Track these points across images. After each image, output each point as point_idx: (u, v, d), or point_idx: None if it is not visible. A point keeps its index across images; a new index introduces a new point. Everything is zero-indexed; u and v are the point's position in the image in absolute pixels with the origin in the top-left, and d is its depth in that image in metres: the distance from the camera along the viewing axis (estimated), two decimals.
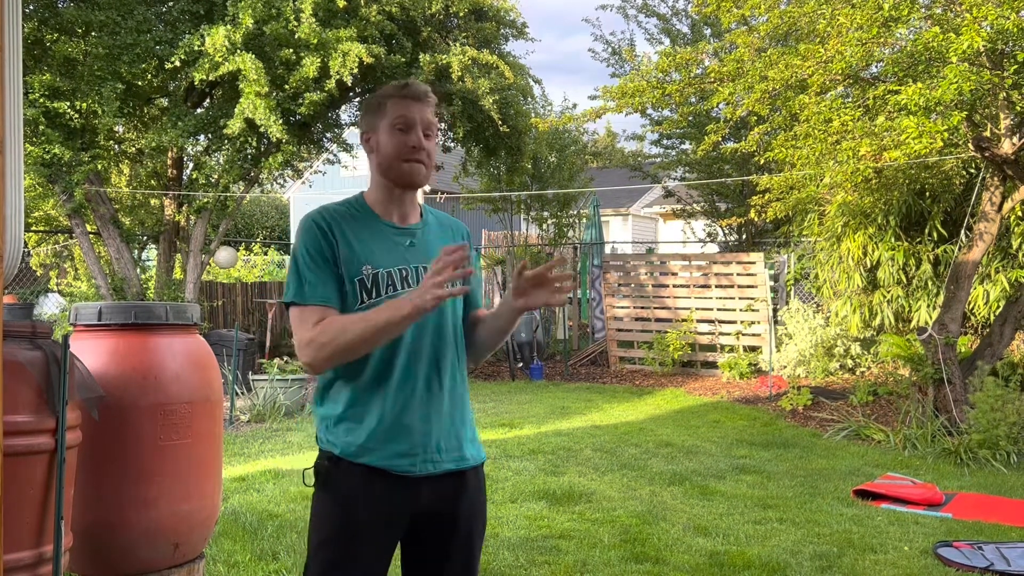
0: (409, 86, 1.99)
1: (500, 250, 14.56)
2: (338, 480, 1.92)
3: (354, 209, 2.00)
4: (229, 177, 9.57)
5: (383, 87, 2.04)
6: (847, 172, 7.15)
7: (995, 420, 6.35)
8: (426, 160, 1.97)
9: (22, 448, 2.59)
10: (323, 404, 1.98)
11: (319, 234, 1.92)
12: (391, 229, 1.98)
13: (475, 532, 2.02)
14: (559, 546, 4.28)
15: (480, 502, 2.04)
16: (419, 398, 1.92)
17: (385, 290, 1.92)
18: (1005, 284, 8.24)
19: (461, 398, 2.02)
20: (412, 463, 1.91)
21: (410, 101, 1.96)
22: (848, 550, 4.27)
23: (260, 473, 5.76)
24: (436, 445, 1.93)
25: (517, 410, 8.75)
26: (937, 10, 6.66)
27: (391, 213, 2.00)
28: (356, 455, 1.90)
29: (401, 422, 1.90)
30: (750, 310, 10.87)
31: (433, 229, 2.06)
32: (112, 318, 3.29)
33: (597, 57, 15.09)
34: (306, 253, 1.91)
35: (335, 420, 1.94)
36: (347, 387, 1.93)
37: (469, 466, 2.00)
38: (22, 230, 3.01)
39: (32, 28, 8.69)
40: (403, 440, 1.90)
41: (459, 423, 2.00)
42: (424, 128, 1.96)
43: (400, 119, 1.95)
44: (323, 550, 1.91)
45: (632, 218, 24.82)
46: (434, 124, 1.99)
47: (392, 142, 1.95)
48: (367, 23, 9.15)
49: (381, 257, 1.94)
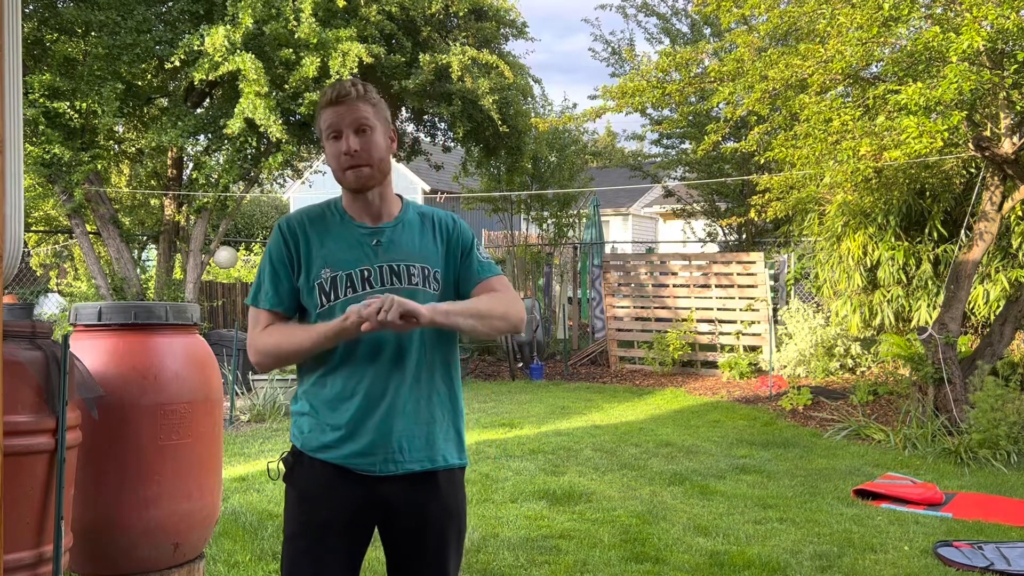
0: (328, 92, 1.95)
1: (500, 250, 14.56)
2: (300, 475, 1.96)
3: (329, 211, 2.02)
4: (229, 177, 9.57)
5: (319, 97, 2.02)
6: (847, 172, 7.15)
7: (995, 420, 6.34)
8: (365, 160, 1.92)
9: (22, 448, 2.59)
10: (295, 400, 2.03)
11: (281, 240, 1.97)
12: (360, 230, 1.98)
13: (448, 535, 1.99)
14: (559, 546, 4.28)
15: (455, 505, 2.00)
16: (379, 398, 1.91)
17: (344, 292, 1.93)
18: (1005, 284, 8.23)
19: (437, 398, 1.98)
20: (372, 463, 1.91)
21: (335, 107, 1.92)
22: (848, 550, 4.27)
23: (260, 473, 5.76)
24: (398, 445, 1.92)
25: (517, 410, 8.75)
26: (937, 10, 6.65)
27: (361, 214, 2.00)
28: (316, 451, 1.94)
29: (361, 422, 1.91)
30: (750, 310, 10.87)
31: (410, 226, 2.02)
32: (112, 318, 3.28)
33: (597, 57, 15.08)
34: (268, 258, 1.98)
35: (300, 415, 1.99)
36: (312, 385, 1.97)
37: (439, 467, 1.97)
38: (22, 230, 3.01)
39: (32, 28, 8.69)
40: (362, 439, 1.91)
41: (429, 424, 1.96)
42: (355, 128, 1.91)
43: (329, 128, 1.93)
44: (290, 544, 1.95)
45: (632, 218, 24.82)
46: (366, 118, 1.92)
47: (329, 153, 1.95)
48: (367, 23, 9.15)
49: (343, 259, 1.94)
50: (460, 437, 2.04)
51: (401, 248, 1.98)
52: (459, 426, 2.04)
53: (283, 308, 1.96)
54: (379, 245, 1.97)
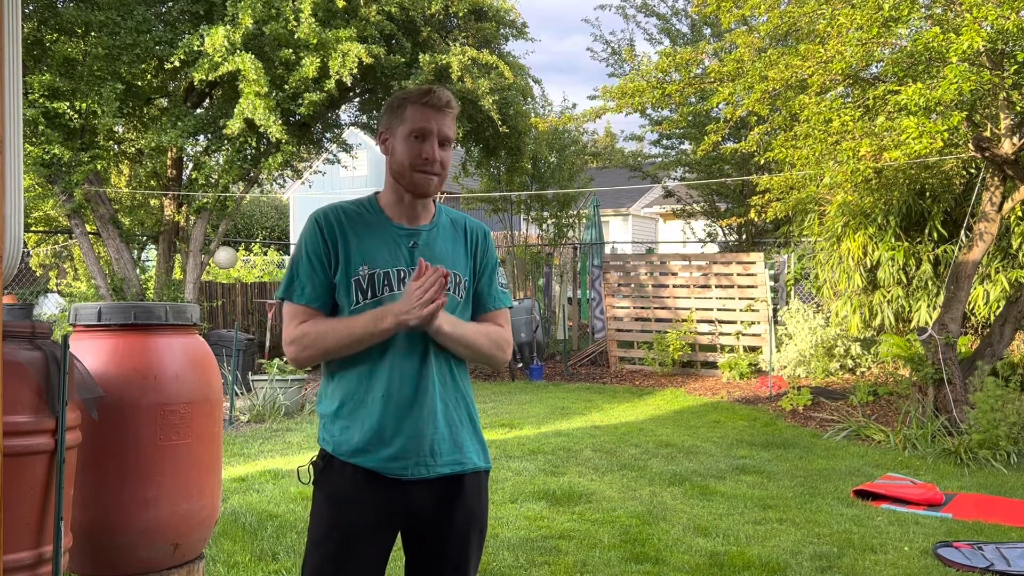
0: (431, 94, 1.95)
1: (500, 250, 14.57)
2: (330, 479, 1.94)
3: (364, 209, 2.01)
4: (229, 177, 9.57)
5: (407, 89, 2.02)
6: (847, 172, 7.15)
7: (995, 420, 6.35)
8: (439, 171, 1.95)
9: (22, 448, 2.59)
10: (322, 402, 2.01)
11: (318, 234, 1.95)
12: (397, 230, 1.98)
13: (472, 538, 1.99)
14: (559, 546, 4.28)
15: (479, 508, 2.01)
16: (412, 401, 1.91)
17: (381, 291, 1.93)
18: (1005, 284, 8.24)
19: (461, 402, 1.99)
20: (404, 467, 1.91)
21: (429, 111, 1.94)
22: (848, 550, 4.27)
23: (260, 473, 5.76)
24: (430, 449, 1.92)
25: (517, 410, 8.75)
26: (937, 10, 6.66)
27: (400, 215, 2.00)
28: (348, 455, 1.92)
29: (393, 426, 1.90)
30: (750, 310, 10.87)
31: (444, 231, 2.04)
32: (112, 318, 3.28)
33: (596, 57, 15.08)
34: (304, 251, 1.95)
35: (330, 418, 1.97)
36: (341, 387, 1.95)
37: (468, 471, 1.97)
38: (22, 230, 3.01)
39: (32, 28, 8.69)
40: (394, 444, 1.90)
41: (457, 427, 1.97)
42: (440, 139, 1.95)
43: (417, 128, 1.93)
44: (318, 548, 1.93)
45: (632, 218, 24.81)
46: (451, 135, 1.97)
47: (407, 150, 1.94)
48: (367, 23, 9.15)
49: (381, 258, 1.94)
50: (482, 439, 2.05)
51: (436, 252, 1.98)
52: (479, 428, 2.05)
53: (319, 304, 1.94)
54: (415, 247, 1.97)
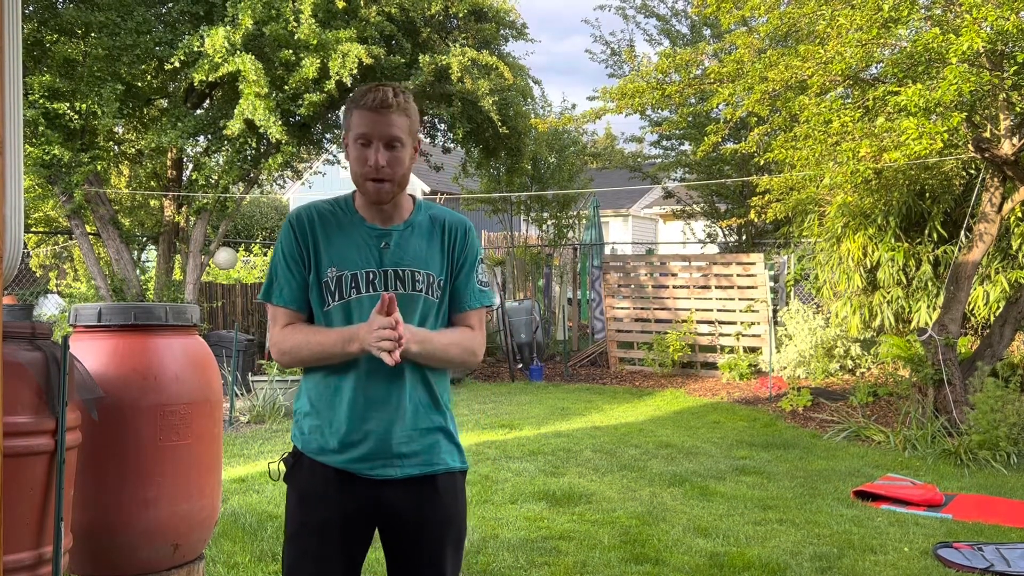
0: (368, 95, 1.89)
1: (500, 251, 14.56)
2: (300, 475, 1.97)
3: (339, 209, 2.00)
4: (229, 178, 9.56)
5: (356, 91, 1.97)
6: (847, 173, 7.15)
7: (995, 421, 6.35)
8: (389, 176, 1.90)
9: (22, 449, 2.59)
10: (298, 398, 2.03)
11: (292, 235, 1.96)
12: (369, 231, 1.97)
13: (445, 539, 1.98)
14: (559, 547, 4.28)
15: (455, 509, 2.00)
16: (380, 403, 1.91)
17: (348, 293, 1.93)
18: (1005, 285, 8.24)
19: (433, 403, 1.98)
20: (371, 467, 1.92)
21: (370, 114, 1.88)
22: (848, 551, 4.27)
23: (260, 474, 5.75)
24: (398, 450, 1.92)
25: (517, 411, 8.75)
26: (937, 11, 6.66)
27: (374, 216, 1.99)
28: (316, 453, 1.95)
29: (361, 427, 1.91)
30: (750, 311, 10.87)
31: (419, 229, 2.00)
32: (112, 319, 3.28)
33: (595, 58, 15.20)
34: (280, 253, 1.97)
35: (302, 415, 1.99)
36: (312, 386, 1.97)
37: (440, 471, 1.97)
38: (22, 231, 3.01)
39: (32, 29, 8.69)
40: (362, 445, 1.91)
41: (428, 429, 1.96)
42: (385, 141, 1.88)
43: (359, 135, 1.89)
44: (292, 544, 1.95)
45: (632, 219, 24.82)
46: (398, 133, 1.89)
47: (354, 157, 1.91)
48: (367, 24, 9.15)
49: (350, 259, 1.93)
50: (456, 440, 2.04)
51: (408, 253, 1.96)
52: (454, 430, 2.04)
53: (296, 305, 1.95)
54: (387, 248, 1.95)
